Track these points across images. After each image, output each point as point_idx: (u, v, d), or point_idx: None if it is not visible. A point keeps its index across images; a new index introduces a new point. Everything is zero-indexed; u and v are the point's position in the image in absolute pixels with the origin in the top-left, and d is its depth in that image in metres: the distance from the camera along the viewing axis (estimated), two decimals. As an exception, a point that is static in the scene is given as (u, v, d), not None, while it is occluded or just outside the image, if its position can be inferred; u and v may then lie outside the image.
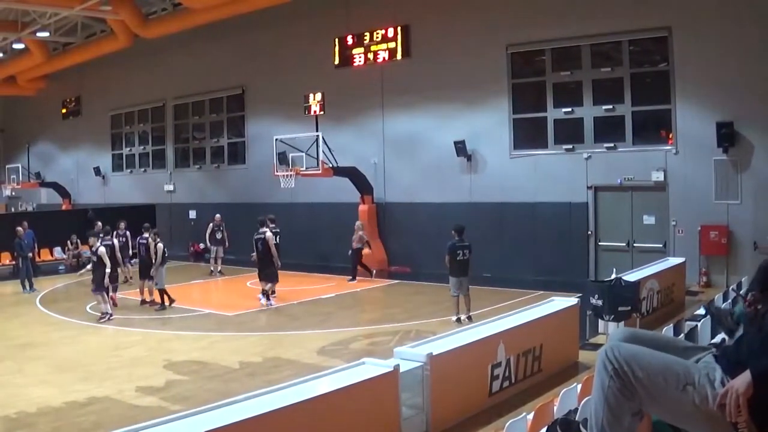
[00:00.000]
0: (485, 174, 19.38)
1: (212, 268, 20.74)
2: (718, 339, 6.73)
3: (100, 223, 19.42)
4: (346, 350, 11.47)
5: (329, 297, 16.58)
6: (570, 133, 17.95)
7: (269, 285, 15.56)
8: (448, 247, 13.32)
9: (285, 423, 5.70)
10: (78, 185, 32.14)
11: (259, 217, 16.28)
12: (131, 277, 18.21)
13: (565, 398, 5.72)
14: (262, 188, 23.58)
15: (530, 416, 5.57)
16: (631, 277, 11.50)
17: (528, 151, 18.67)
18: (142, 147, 29.86)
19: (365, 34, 21.27)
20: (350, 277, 18.73)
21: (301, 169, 19.62)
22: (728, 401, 2.45)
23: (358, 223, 19.06)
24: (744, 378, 2.45)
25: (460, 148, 19.26)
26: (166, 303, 15.35)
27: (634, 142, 17.07)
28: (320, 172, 19.46)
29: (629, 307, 10.19)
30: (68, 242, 23.37)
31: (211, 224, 20.86)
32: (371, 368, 6.84)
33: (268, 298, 15.50)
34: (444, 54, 19.75)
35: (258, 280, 15.95)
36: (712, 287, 15.24)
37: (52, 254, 23.90)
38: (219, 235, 20.56)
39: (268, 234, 15.59)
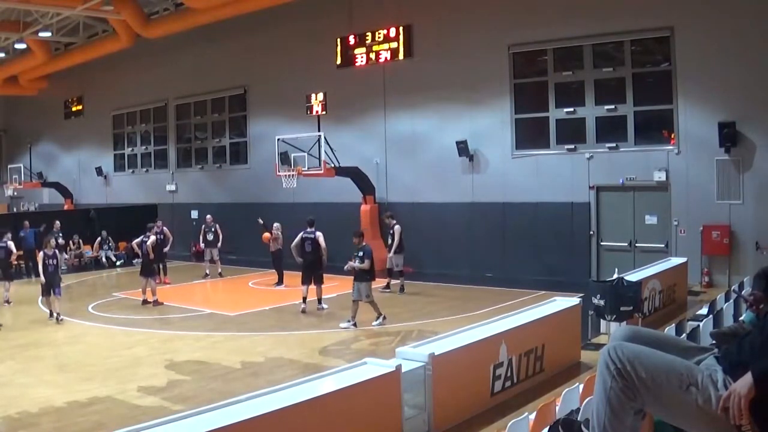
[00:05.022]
0: (487, 174, 19.37)
1: (207, 271, 20.24)
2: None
3: (59, 222, 20.88)
4: (348, 350, 11.48)
5: (331, 297, 16.56)
6: (572, 133, 17.95)
7: (321, 288, 14.84)
8: (370, 252, 13.12)
9: (287, 423, 5.70)
10: (80, 185, 32.18)
11: (309, 217, 15.38)
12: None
13: (567, 398, 5.71)
14: (264, 188, 23.59)
15: (532, 416, 5.57)
16: (633, 277, 11.49)
17: (530, 151, 18.67)
18: (144, 147, 29.88)
19: (367, 34, 21.28)
20: (277, 282, 18.20)
21: (303, 169, 19.62)
22: (731, 404, 2.44)
23: (276, 224, 18.25)
24: (746, 380, 2.44)
25: (462, 148, 19.26)
26: None
27: (636, 142, 17.06)
28: (322, 172, 19.47)
29: (631, 307, 10.18)
30: (70, 242, 23.39)
31: (202, 226, 20.62)
32: (373, 368, 6.84)
33: (320, 302, 14.87)
34: (446, 54, 19.75)
35: (301, 284, 14.84)
36: (714, 287, 15.23)
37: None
38: (210, 237, 20.14)
39: (319, 233, 14.77)
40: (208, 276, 20.21)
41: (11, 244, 17.07)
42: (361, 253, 13.05)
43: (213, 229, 20.22)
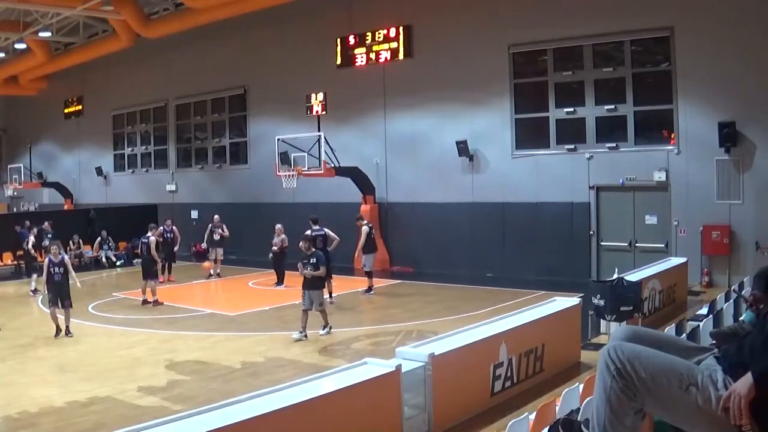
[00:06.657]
0: (487, 174, 19.37)
1: (211, 271, 20.07)
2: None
3: (47, 222, 20.95)
4: (347, 350, 11.47)
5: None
6: (572, 133, 17.95)
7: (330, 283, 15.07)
8: (323, 258, 12.55)
9: (287, 423, 5.70)
10: (80, 185, 32.19)
11: (312, 215, 16.02)
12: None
13: (567, 398, 5.71)
14: (264, 188, 23.59)
15: (532, 416, 5.57)
16: (633, 277, 11.49)
17: (530, 151, 18.67)
18: (144, 147, 29.88)
19: (367, 34, 21.27)
20: (277, 282, 18.08)
21: (303, 169, 19.61)
22: (731, 404, 2.44)
23: (278, 226, 18.16)
24: (746, 380, 2.44)
25: (462, 148, 19.25)
26: None
27: (636, 142, 17.07)
28: (322, 172, 19.47)
29: (631, 307, 10.18)
30: (70, 242, 23.36)
31: (209, 225, 20.52)
32: (373, 368, 6.83)
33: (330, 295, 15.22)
34: (446, 54, 19.75)
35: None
36: (714, 287, 15.23)
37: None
38: (216, 236, 20.01)
39: (327, 230, 15.20)
40: (212, 276, 20.16)
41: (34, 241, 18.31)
42: (314, 260, 12.15)
43: (220, 230, 20.09)
